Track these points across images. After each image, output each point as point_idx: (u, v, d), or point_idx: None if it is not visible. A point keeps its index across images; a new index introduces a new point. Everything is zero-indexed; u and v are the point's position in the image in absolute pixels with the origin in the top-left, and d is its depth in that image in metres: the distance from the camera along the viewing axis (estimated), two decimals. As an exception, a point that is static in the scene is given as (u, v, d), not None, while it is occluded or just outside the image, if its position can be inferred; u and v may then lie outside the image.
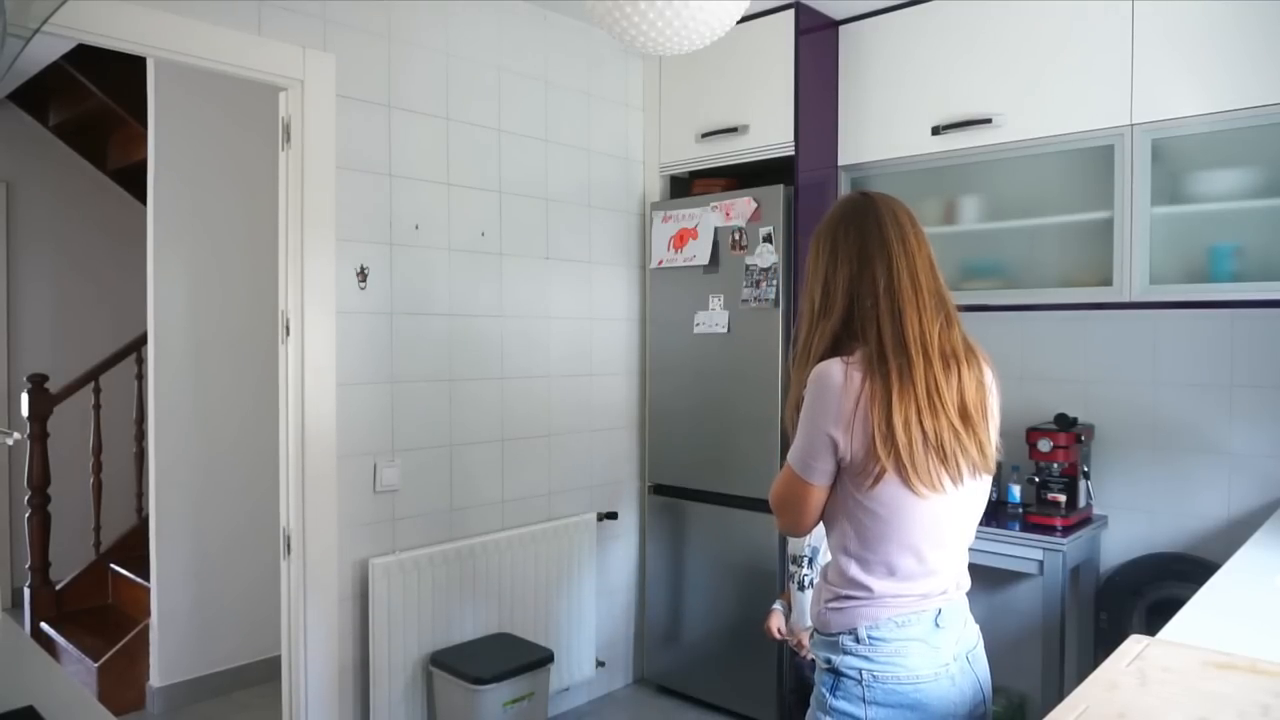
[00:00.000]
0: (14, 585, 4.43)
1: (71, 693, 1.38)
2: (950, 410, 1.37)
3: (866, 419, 1.35)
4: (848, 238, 1.46)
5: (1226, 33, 2.47)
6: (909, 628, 1.40)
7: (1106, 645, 2.59)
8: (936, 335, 1.39)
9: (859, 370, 1.37)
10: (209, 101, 3.48)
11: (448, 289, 2.98)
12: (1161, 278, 2.62)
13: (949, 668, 1.42)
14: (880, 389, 1.35)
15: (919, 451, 1.34)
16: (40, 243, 4.72)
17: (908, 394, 1.34)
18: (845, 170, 3.27)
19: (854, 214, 1.48)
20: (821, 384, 1.39)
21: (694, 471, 3.41)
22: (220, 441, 3.53)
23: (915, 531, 1.39)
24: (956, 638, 1.45)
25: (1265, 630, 1.51)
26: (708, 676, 3.39)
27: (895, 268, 1.41)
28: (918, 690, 1.39)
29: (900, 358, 1.36)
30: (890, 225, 1.44)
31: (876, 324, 1.39)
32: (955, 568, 1.46)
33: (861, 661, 1.41)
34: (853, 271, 1.43)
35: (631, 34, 1.86)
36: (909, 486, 1.35)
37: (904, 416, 1.33)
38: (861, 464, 1.37)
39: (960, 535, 1.46)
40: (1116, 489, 2.96)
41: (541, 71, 3.26)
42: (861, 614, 1.42)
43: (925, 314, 1.39)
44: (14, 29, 1.49)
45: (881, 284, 1.41)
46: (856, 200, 1.52)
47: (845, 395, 1.36)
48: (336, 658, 2.70)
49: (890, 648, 1.40)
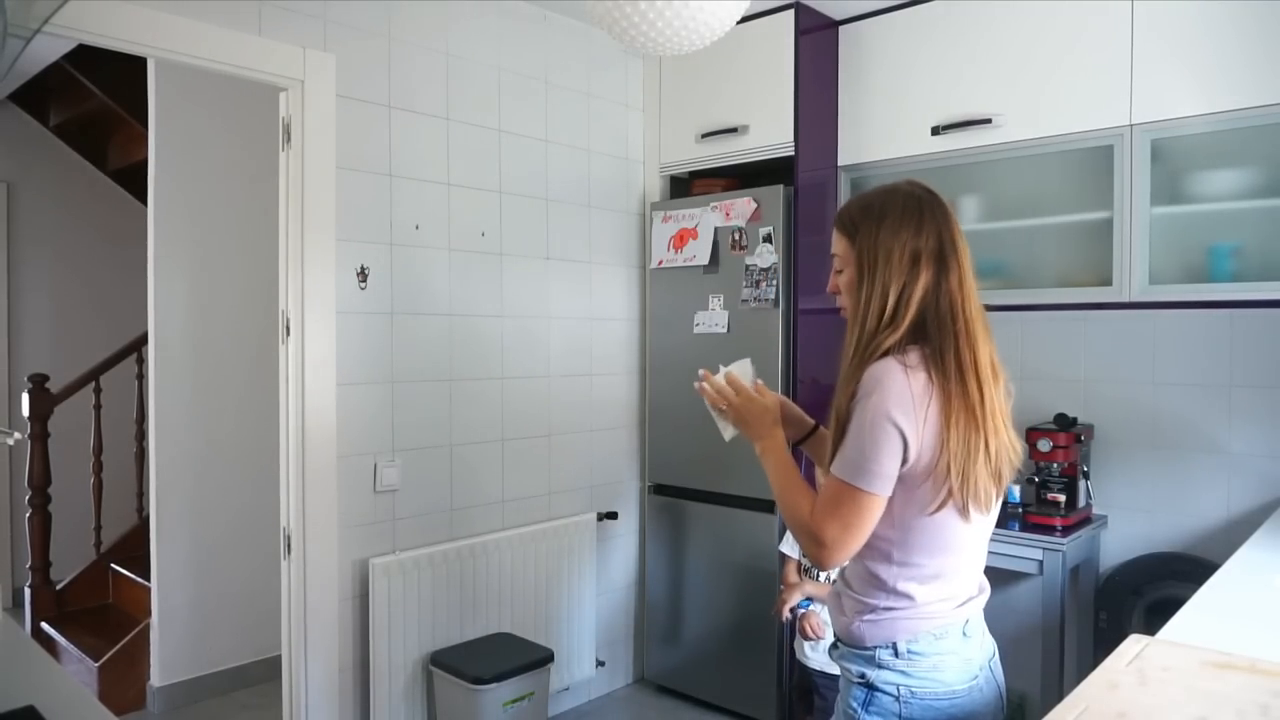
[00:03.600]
0: (14, 585, 4.42)
1: (72, 692, 1.38)
2: (1005, 429, 1.36)
3: (936, 428, 1.30)
4: (928, 239, 1.35)
5: (1226, 33, 2.47)
6: (944, 640, 1.38)
7: (1106, 645, 2.59)
8: (992, 351, 1.37)
9: (920, 372, 1.32)
10: (209, 101, 3.48)
11: (448, 289, 2.98)
12: (1161, 278, 2.63)
13: (979, 678, 1.41)
14: (960, 409, 1.30)
15: (982, 475, 1.32)
16: (41, 243, 4.72)
17: (985, 418, 1.31)
18: (845, 170, 3.27)
19: (930, 213, 1.37)
20: (887, 381, 1.31)
21: (694, 471, 3.41)
22: (220, 441, 3.53)
23: (963, 548, 1.38)
24: (980, 646, 1.43)
25: (1265, 630, 1.51)
26: (708, 676, 3.39)
27: (967, 283, 1.36)
28: (954, 705, 1.37)
29: (975, 378, 1.31)
30: (960, 235, 1.38)
31: (954, 339, 1.32)
32: (979, 573, 1.47)
33: (899, 677, 1.38)
34: (930, 281, 1.34)
35: (631, 34, 1.86)
36: (963, 514, 1.34)
37: (985, 440, 1.31)
38: (925, 475, 1.31)
39: (987, 541, 1.46)
40: (1116, 489, 2.96)
41: (541, 71, 3.26)
42: (901, 627, 1.38)
43: (984, 331, 1.36)
44: (14, 29, 1.49)
45: (958, 299, 1.34)
46: (918, 193, 1.40)
47: (911, 393, 1.30)
48: (336, 657, 2.70)
49: (929, 662, 1.37)
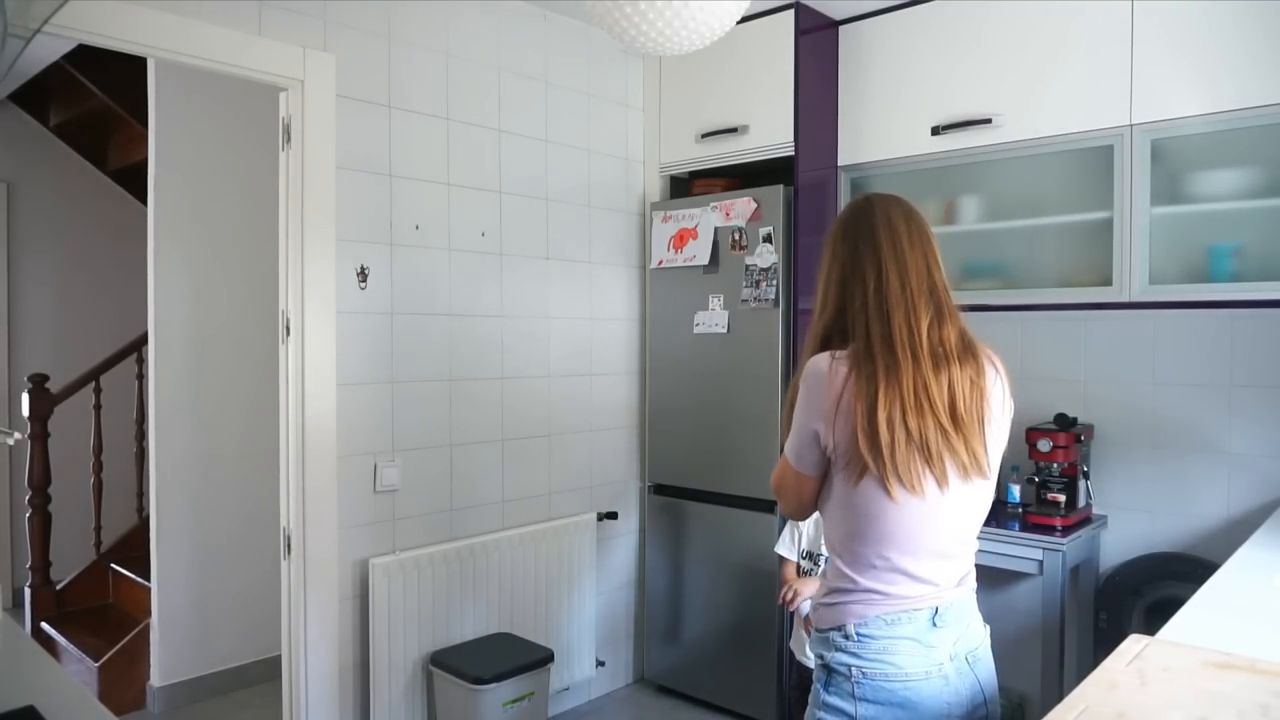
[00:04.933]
0: (15, 585, 4.43)
1: (72, 692, 1.38)
2: (939, 410, 1.37)
3: (849, 414, 1.37)
4: (844, 240, 1.52)
5: (1226, 33, 2.47)
6: (899, 626, 1.41)
7: (1106, 645, 2.58)
8: (925, 334, 1.40)
9: (844, 365, 1.40)
10: (209, 101, 3.48)
11: (448, 289, 2.98)
12: (1161, 278, 2.63)
13: (943, 667, 1.41)
14: (865, 387, 1.37)
15: (900, 450, 1.35)
16: (41, 243, 4.72)
17: (893, 393, 1.36)
18: (845, 170, 3.27)
19: (852, 217, 1.54)
20: (809, 376, 1.44)
21: (694, 471, 3.41)
22: (220, 441, 3.53)
23: (899, 533, 1.39)
24: (956, 637, 1.44)
25: (1265, 630, 1.51)
26: (708, 676, 3.39)
27: (884, 269, 1.45)
28: (907, 688, 1.39)
29: (887, 357, 1.38)
30: (882, 227, 1.48)
31: (865, 324, 1.42)
32: (951, 570, 1.45)
33: (850, 658, 1.42)
34: (845, 273, 1.49)
35: (631, 34, 1.86)
36: (885, 488, 1.36)
37: (888, 415, 1.35)
38: (845, 458, 1.39)
39: (956, 539, 1.44)
40: (1116, 489, 2.97)
41: (541, 71, 3.26)
42: (850, 610, 1.43)
43: (914, 313, 1.42)
44: (14, 29, 1.49)
45: (870, 285, 1.44)
46: (858, 204, 1.56)
47: (829, 388, 1.40)
48: (336, 657, 2.70)
49: (879, 645, 1.41)
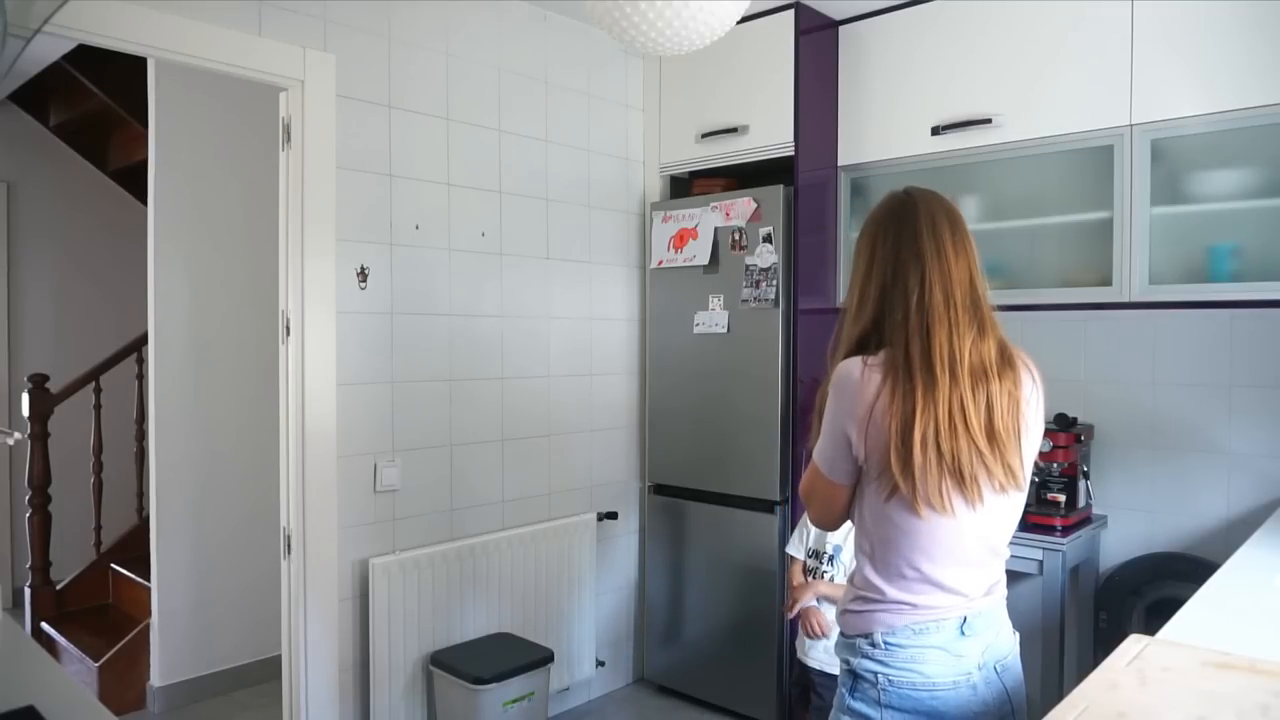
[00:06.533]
0: (14, 585, 4.42)
1: (72, 692, 1.38)
2: (975, 431, 1.33)
3: (881, 426, 1.34)
4: (885, 243, 1.43)
5: (1226, 33, 2.47)
6: (928, 635, 1.39)
7: (1106, 645, 2.60)
8: (967, 352, 1.36)
9: (878, 373, 1.36)
10: (209, 101, 3.48)
11: (448, 289, 2.98)
12: (1161, 278, 2.62)
13: (971, 676, 1.39)
14: (900, 403, 1.33)
15: (932, 472, 1.32)
16: (41, 243, 4.72)
17: (928, 413, 1.31)
18: (845, 170, 3.27)
19: (894, 215, 1.45)
20: (841, 382, 1.40)
21: (694, 471, 3.41)
22: (221, 441, 3.53)
23: (930, 546, 1.37)
24: (985, 646, 1.42)
25: (1265, 630, 1.51)
26: (708, 676, 3.39)
27: (928, 281, 1.38)
28: (934, 697, 1.38)
29: (925, 375, 1.33)
30: (926, 232, 1.41)
31: (905, 338, 1.36)
32: (982, 579, 1.43)
33: (877, 665, 1.40)
34: (885, 282, 1.41)
35: (631, 34, 1.86)
36: (913, 508, 1.34)
37: (921, 434, 1.31)
38: (877, 470, 1.36)
39: (988, 549, 1.42)
40: (1116, 489, 2.96)
41: (541, 72, 3.26)
42: (877, 619, 1.41)
43: (957, 330, 1.36)
44: (14, 29, 1.49)
45: (914, 299, 1.38)
46: (899, 199, 1.48)
47: (861, 395, 1.36)
48: (336, 657, 2.70)
49: (906, 654, 1.39)
